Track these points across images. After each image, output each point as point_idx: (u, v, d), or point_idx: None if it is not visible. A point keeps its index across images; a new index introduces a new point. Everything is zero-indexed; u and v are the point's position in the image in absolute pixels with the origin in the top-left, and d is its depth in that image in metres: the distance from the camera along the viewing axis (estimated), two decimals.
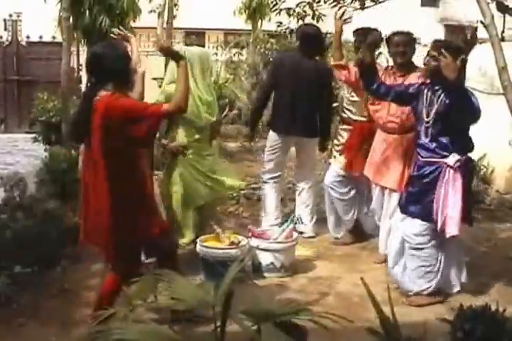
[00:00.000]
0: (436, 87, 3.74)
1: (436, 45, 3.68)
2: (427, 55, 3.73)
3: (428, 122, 3.74)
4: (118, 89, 3.04)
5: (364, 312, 3.47)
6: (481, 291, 4.03)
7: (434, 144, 3.72)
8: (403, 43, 4.31)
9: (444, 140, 3.70)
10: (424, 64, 3.77)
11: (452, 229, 3.64)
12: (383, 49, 4.95)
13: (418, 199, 3.80)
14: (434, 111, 3.71)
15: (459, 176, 3.65)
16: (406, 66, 4.37)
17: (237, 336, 2.05)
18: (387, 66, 4.61)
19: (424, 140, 3.77)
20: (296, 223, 4.89)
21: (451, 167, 3.65)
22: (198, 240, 4.26)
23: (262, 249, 4.31)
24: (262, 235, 4.49)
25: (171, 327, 2.38)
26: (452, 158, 3.66)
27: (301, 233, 5.02)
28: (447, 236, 3.67)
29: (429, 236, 3.79)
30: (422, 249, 3.80)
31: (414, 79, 4.20)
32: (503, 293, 3.99)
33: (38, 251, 4.03)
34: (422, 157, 3.79)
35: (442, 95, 3.69)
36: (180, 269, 3.21)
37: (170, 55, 3.28)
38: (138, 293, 2.60)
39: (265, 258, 4.30)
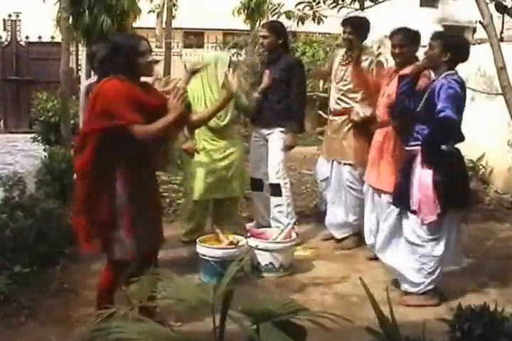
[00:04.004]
0: None
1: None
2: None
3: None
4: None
5: (363, 312, 3.47)
6: (479, 291, 4.04)
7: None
8: (399, 45, 4.25)
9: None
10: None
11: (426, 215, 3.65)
12: (383, 49, 4.92)
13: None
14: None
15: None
16: (405, 65, 4.25)
17: (236, 336, 2.05)
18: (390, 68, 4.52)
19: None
20: (295, 223, 4.90)
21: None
22: (197, 240, 4.27)
23: (261, 249, 4.31)
24: (260, 235, 4.51)
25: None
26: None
27: None
28: (425, 222, 3.66)
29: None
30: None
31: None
32: (501, 293, 4.00)
33: (38, 250, 4.04)
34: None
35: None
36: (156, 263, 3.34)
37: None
38: (137, 293, 2.60)
39: (264, 258, 4.31)
